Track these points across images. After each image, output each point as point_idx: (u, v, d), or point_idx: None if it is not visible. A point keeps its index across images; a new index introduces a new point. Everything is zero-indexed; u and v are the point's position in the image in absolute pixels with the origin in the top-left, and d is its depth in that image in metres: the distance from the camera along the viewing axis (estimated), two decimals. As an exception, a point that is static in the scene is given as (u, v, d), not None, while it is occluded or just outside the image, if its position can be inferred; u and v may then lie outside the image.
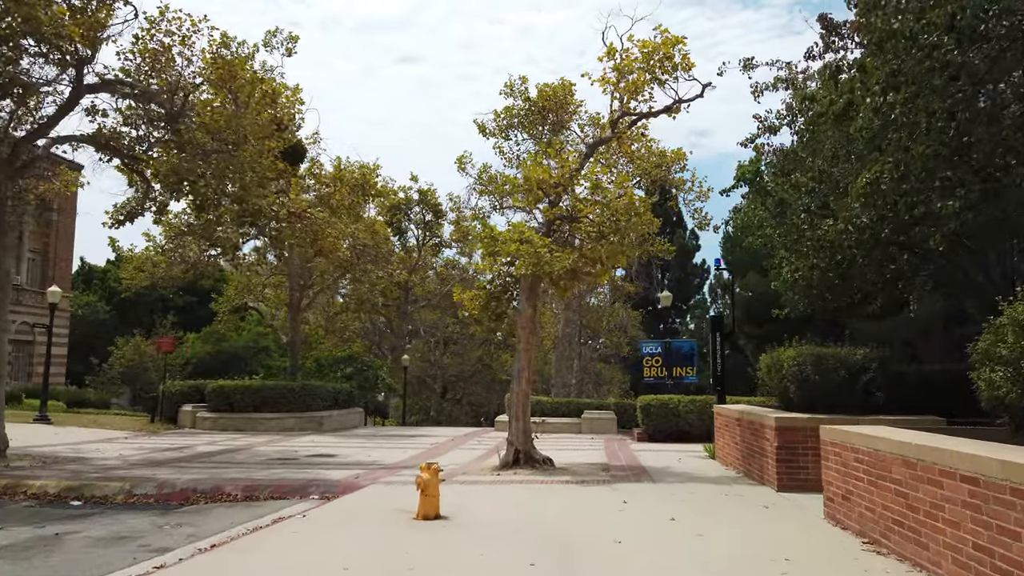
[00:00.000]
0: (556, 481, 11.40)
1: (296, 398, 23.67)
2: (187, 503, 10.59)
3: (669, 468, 13.21)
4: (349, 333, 40.87)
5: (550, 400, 24.77)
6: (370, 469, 13.24)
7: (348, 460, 14.98)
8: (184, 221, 18.32)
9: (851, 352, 10.60)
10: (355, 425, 26.67)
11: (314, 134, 26.85)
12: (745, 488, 10.51)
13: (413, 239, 39.71)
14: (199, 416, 23.47)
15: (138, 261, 23.19)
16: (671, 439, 19.83)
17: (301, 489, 10.91)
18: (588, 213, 13.02)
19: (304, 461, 14.78)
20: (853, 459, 7.05)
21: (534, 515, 8.47)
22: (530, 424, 13.29)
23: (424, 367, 46.80)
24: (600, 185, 12.56)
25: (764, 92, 13.13)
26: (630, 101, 13.58)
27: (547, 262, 11.92)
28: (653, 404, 20.02)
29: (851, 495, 7.11)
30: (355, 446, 18.45)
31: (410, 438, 21.06)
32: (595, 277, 13.78)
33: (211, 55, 14.52)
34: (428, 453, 16.60)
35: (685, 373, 24.49)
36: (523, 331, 13.14)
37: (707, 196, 25.29)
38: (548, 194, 13.19)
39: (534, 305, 13.31)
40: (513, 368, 13.43)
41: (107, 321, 52.25)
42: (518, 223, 13.09)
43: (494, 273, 13.83)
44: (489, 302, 13.93)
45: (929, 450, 5.55)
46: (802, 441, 9.98)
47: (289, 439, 20.16)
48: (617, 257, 12.66)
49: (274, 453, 16.40)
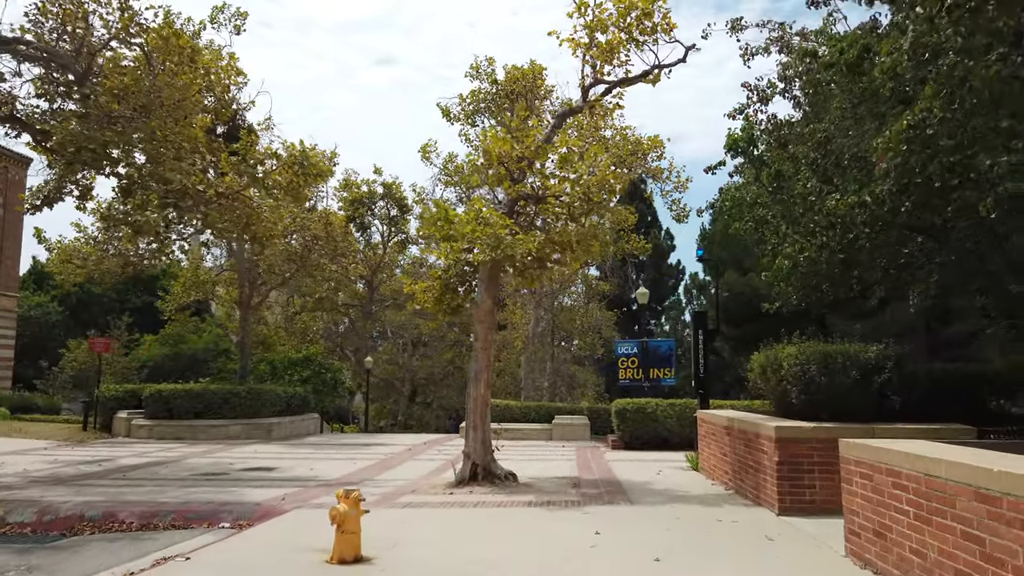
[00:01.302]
0: (517, 502, 9.68)
1: (243, 403, 21.69)
2: (69, 533, 8.73)
3: (648, 484, 11.55)
4: (312, 334, 38.89)
5: (519, 404, 23.07)
6: (304, 487, 11.43)
7: (285, 475, 13.15)
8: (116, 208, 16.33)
9: (862, 349, 9.03)
10: (309, 432, 24.73)
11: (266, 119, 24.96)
12: (739, 511, 8.88)
13: (378, 235, 37.81)
14: (135, 424, 21.40)
15: (65, 252, 21.04)
16: (649, 446, 18.22)
17: (211, 515, 9.08)
18: (556, 192, 11.36)
19: (234, 476, 12.93)
20: (891, 484, 5.43)
21: (483, 554, 6.76)
22: (490, 434, 11.57)
23: (392, 369, 44.97)
24: (569, 159, 10.88)
25: (755, 56, 11.58)
26: (604, 66, 11.92)
27: (508, 245, 10.22)
28: (629, 409, 18.40)
29: (888, 531, 5.49)
30: (300, 457, 16.59)
31: (364, 447, 19.22)
32: (565, 266, 12.10)
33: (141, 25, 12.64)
34: (379, 465, 14.81)
35: (663, 375, 22.91)
36: (481, 325, 11.41)
37: (685, 186, 23.97)
38: (511, 170, 11.50)
39: (494, 297, 11.59)
40: (470, 370, 11.70)
41: (59, 323, 49.86)
42: (476, 198, 11.37)
43: (450, 261, 12.10)
44: (444, 294, 12.19)
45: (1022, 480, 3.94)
46: (807, 455, 8.39)
47: (230, 449, 18.23)
48: (589, 242, 10.99)
49: (206, 466, 14.52)
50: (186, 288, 27.46)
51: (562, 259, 11.75)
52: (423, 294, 12.37)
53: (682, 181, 23.38)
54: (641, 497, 10.08)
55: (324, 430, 27.83)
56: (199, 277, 27.00)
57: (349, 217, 33.73)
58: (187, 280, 27.52)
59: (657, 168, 22.40)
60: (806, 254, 9.57)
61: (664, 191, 23.37)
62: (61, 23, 13.25)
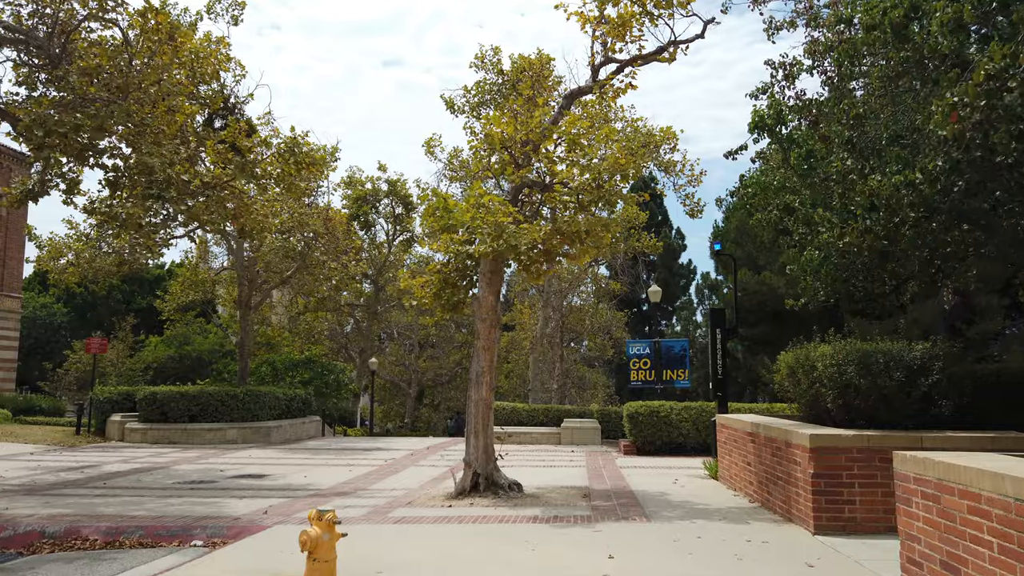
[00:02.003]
0: (521, 518, 8.80)
1: (240, 406, 20.90)
2: (26, 552, 7.91)
3: (665, 495, 10.64)
4: (317, 335, 38.11)
5: (526, 407, 22.17)
6: (293, 497, 10.59)
7: (275, 483, 12.32)
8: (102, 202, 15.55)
9: (905, 348, 8.09)
10: (310, 436, 23.93)
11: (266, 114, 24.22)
12: (769, 529, 7.96)
13: (383, 234, 36.96)
14: (128, 428, 20.64)
15: (54, 249, 20.31)
16: (662, 452, 17.32)
17: (183, 532, 8.24)
18: (564, 178, 10.47)
19: (221, 485, 12.10)
20: (966, 509, 4.52)
21: (480, 581, 5.89)
22: (493, 440, 10.69)
23: (399, 371, 44.17)
24: (578, 142, 9.98)
25: (780, 30, 10.67)
26: (615, 43, 11.02)
27: (511, 235, 9.35)
28: (642, 412, 17.48)
29: (963, 565, 4.58)
30: (296, 463, 15.77)
31: (364, 452, 18.38)
32: (574, 259, 11.21)
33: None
34: (377, 472, 13.96)
35: (677, 376, 21.98)
36: (482, 324, 10.53)
37: (699, 180, 23.03)
38: (515, 156, 10.63)
39: (497, 292, 10.72)
40: (471, 371, 10.83)
41: (65, 324, 49.54)
42: (476, 184, 10.51)
43: (450, 254, 11.24)
44: (443, 289, 11.33)
45: None
46: (847, 467, 7.46)
47: (224, 454, 17.43)
48: (600, 233, 10.08)
49: (194, 473, 13.71)
50: (185, 288, 26.71)
51: (571, 252, 10.86)
52: (421, 289, 11.52)
53: (696, 175, 22.47)
54: (658, 511, 9.17)
55: (327, 433, 27.04)
56: (198, 276, 26.24)
57: (352, 215, 32.91)
58: (186, 279, 26.77)
59: (670, 161, 21.48)
60: (847, 239, 8.62)
61: (677, 185, 22.45)
62: (39, 3, 12.52)
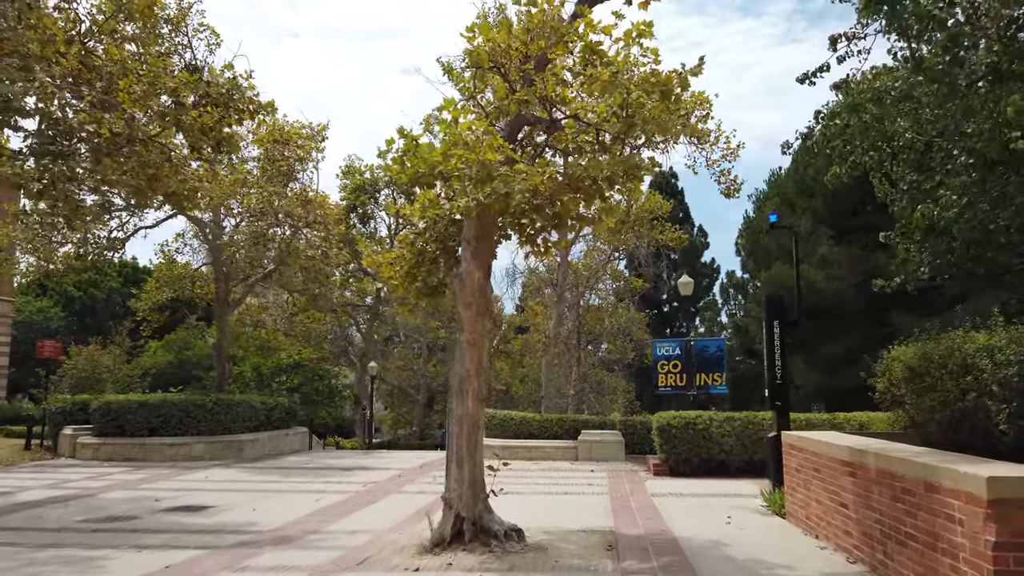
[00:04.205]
0: (517, 593, 5.92)
1: (209, 417, 18.15)
2: None
3: (720, 545, 7.69)
4: (316, 338, 35.46)
5: (538, 418, 19.24)
6: (215, 548, 7.76)
7: (207, 522, 9.51)
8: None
9: None
10: (293, 450, 21.15)
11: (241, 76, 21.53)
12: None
13: (384, 229, 34.19)
14: (80, 443, 17.96)
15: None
16: (700, 472, 14.32)
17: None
18: (578, 110, 7.58)
19: (140, 524, 9.32)
20: None
21: None
22: (483, 470, 7.79)
23: (407, 376, 41.47)
24: (596, 50, 7.08)
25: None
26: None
27: (502, 179, 6.48)
28: (675, 424, 14.50)
29: None
30: (256, 488, 12.98)
31: (344, 472, 15.53)
32: (592, 223, 8.30)
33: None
34: (346, 503, 11.11)
35: (712, 381, 19.00)
36: (467, 311, 7.62)
37: (736, 154, 19.98)
38: (510, 79, 7.77)
39: (486, 267, 7.82)
40: (451, 375, 7.95)
41: (62, 328, 47.56)
42: (449, 100, 7.61)
43: (428, 217, 8.40)
44: (418, 267, 8.47)
45: None
46: (1050, 531, 4.51)
47: (179, 475, 14.68)
48: (621, 177, 7.12)
49: (120, 504, 10.97)
50: (160, 285, 24.07)
51: (587, 213, 7.95)
52: (389, 267, 8.67)
53: (732, 148, 19.43)
54: (719, 580, 6.24)
55: (314, 446, 24.24)
56: (173, 272, 23.58)
57: (350, 206, 30.18)
58: (161, 276, 24.13)
59: (704, 131, 18.44)
60: (987, 186, 5.71)
61: (710, 160, 19.43)
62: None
